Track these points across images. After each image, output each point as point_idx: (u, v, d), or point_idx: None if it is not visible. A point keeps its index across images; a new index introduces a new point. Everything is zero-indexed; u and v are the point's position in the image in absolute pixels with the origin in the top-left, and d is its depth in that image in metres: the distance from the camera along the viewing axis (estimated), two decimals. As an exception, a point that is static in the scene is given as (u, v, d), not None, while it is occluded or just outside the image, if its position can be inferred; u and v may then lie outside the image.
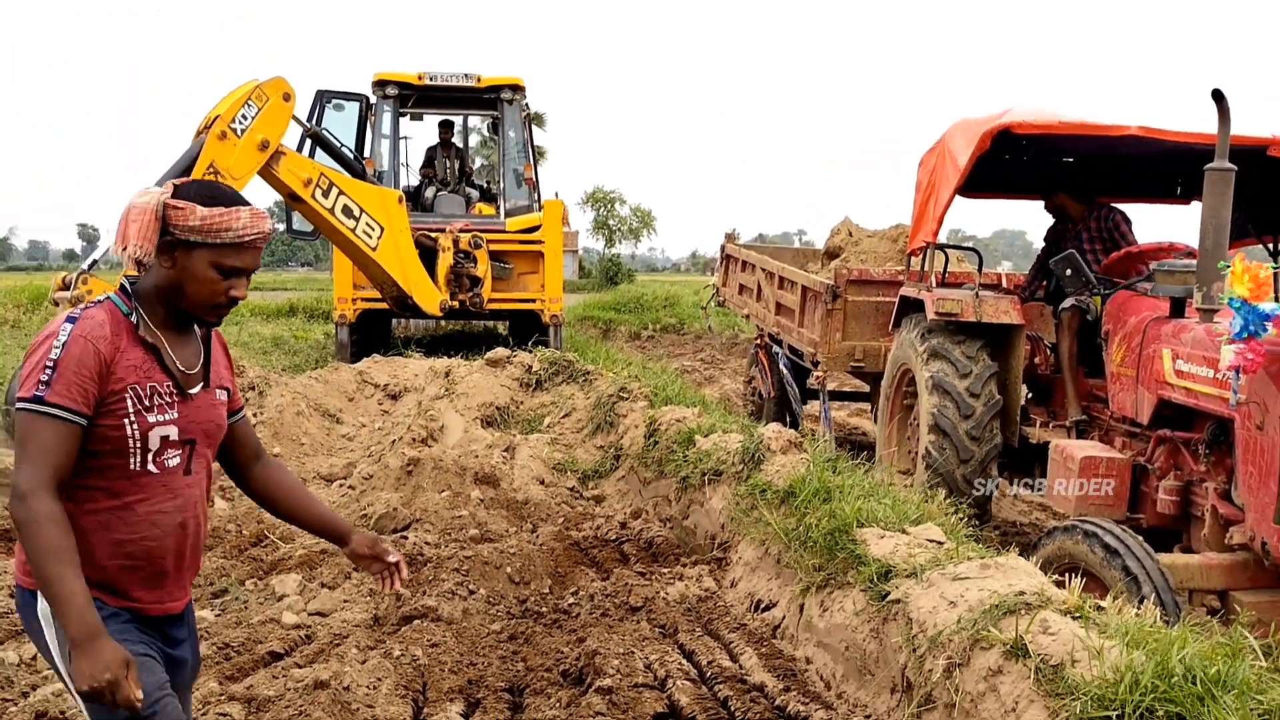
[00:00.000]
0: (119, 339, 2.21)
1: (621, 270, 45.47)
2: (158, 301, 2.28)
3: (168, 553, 2.32)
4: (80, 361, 2.13)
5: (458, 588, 4.92)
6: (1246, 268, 4.20)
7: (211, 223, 2.19)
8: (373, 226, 10.09)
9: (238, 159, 8.51)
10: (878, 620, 3.86)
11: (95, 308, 2.23)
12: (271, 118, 8.75)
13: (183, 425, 2.30)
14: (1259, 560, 4.49)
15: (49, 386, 2.10)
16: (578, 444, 8.09)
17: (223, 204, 2.23)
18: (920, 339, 6.62)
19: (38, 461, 2.09)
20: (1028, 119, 5.84)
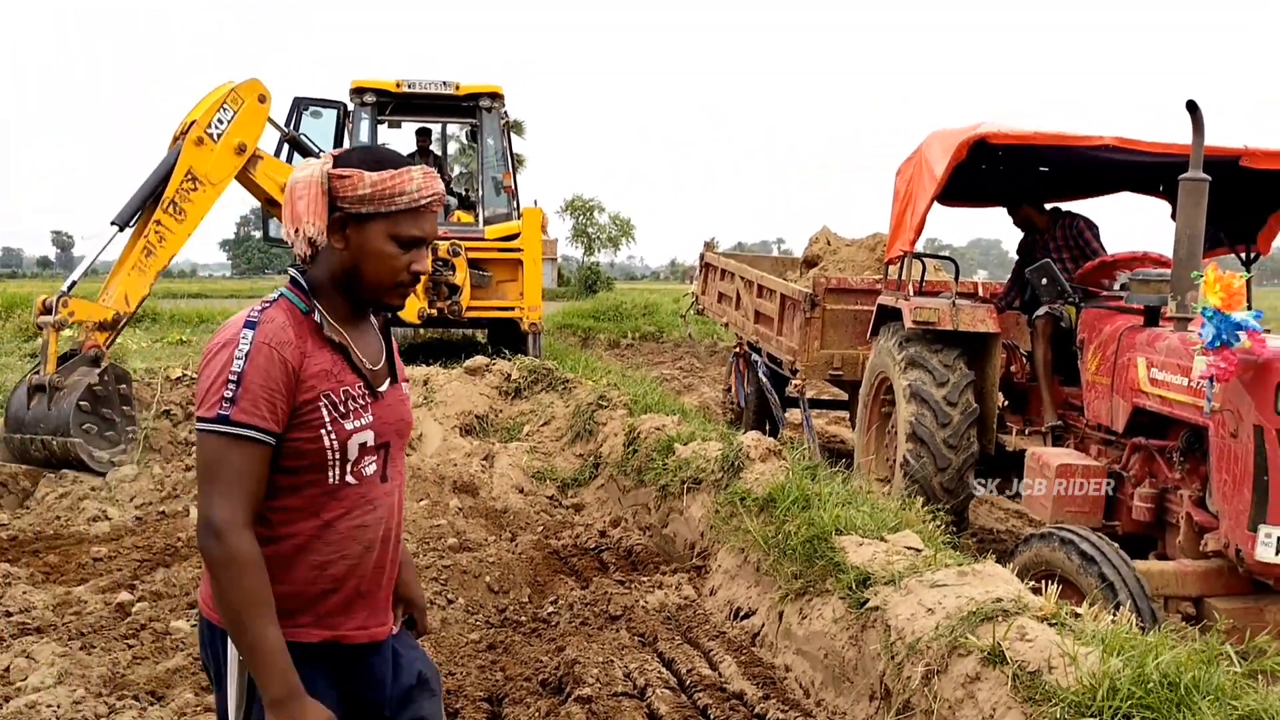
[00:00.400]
0: (304, 342, 1.98)
1: (600, 278, 45.54)
2: (335, 291, 2.05)
3: (369, 571, 2.10)
4: (267, 373, 1.90)
5: (436, 597, 4.89)
6: (1219, 277, 4.25)
7: (383, 188, 1.96)
8: None
9: (215, 164, 8.47)
10: (856, 628, 3.87)
11: (272, 307, 2.00)
12: (247, 120, 8.72)
13: (377, 428, 2.08)
14: (1233, 567, 4.54)
15: (234, 404, 1.87)
16: (557, 452, 8.08)
17: (390, 166, 1.99)
18: (898, 347, 6.65)
19: (230, 491, 1.86)
20: (1004, 130, 5.89)
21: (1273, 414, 4.25)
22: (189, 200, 8.27)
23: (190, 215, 8.30)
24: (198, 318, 20.38)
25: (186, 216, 8.25)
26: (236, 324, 1.97)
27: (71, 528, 6.10)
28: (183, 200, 8.22)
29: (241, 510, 1.87)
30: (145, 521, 6.22)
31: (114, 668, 4.04)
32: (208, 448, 1.89)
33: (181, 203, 8.21)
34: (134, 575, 5.26)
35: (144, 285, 8.03)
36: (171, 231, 8.16)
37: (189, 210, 8.27)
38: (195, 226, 8.39)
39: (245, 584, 1.85)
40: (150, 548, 5.67)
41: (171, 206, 8.16)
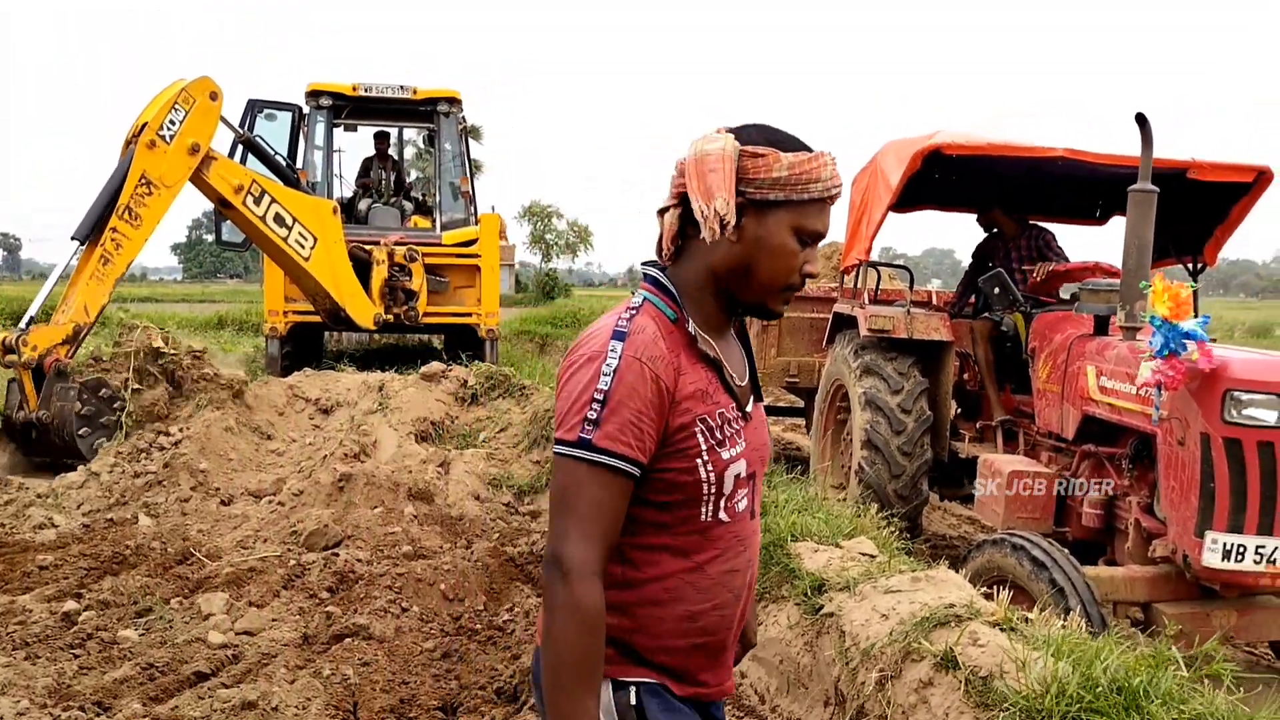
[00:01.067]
0: (677, 357, 1.72)
1: (558, 285, 45.44)
2: (706, 294, 1.79)
3: (734, 620, 1.85)
4: (637, 393, 1.65)
5: (390, 605, 4.85)
6: (1167, 287, 4.33)
7: (799, 172, 1.70)
8: (305, 236, 9.95)
9: (169, 166, 8.36)
10: (811, 633, 3.89)
11: (640, 315, 1.73)
12: (200, 120, 8.62)
13: (748, 455, 1.80)
14: (1181, 572, 4.62)
15: (598, 426, 1.63)
16: (514, 459, 8.03)
17: (798, 148, 1.73)
18: (853, 355, 6.70)
19: (586, 529, 1.62)
20: (957, 140, 5.97)
21: (1219, 422, 4.33)
22: (144, 205, 8.18)
23: (146, 220, 8.20)
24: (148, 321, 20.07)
25: (142, 222, 8.15)
26: (602, 334, 1.72)
27: (16, 535, 5.98)
28: (138, 205, 8.13)
29: (596, 553, 1.63)
30: (93, 529, 6.11)
31: (59, 678, 3.96)
32: (566, 474, 1.65)
33: (137, 208, 8.12)
34: (81, 584, 5.16)
35: (103, 294, 7.95)
36: (128, 238, 8.06)
37: (145, 215, 8.17)
38: (152, 231, 8.30)
39: (581, 641, 1.61)
40: (98, 556, 5.57)
41: (127, 213, 8.07)
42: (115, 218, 7.96)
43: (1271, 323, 32.80)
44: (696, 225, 1.73)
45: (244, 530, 6.23)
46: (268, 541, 5.98)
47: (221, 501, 6.88)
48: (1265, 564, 4.34)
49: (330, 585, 5.15)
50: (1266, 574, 4.37)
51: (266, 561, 5.50)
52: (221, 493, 6.99)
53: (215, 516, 6.54)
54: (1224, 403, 4.31)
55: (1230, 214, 6.20)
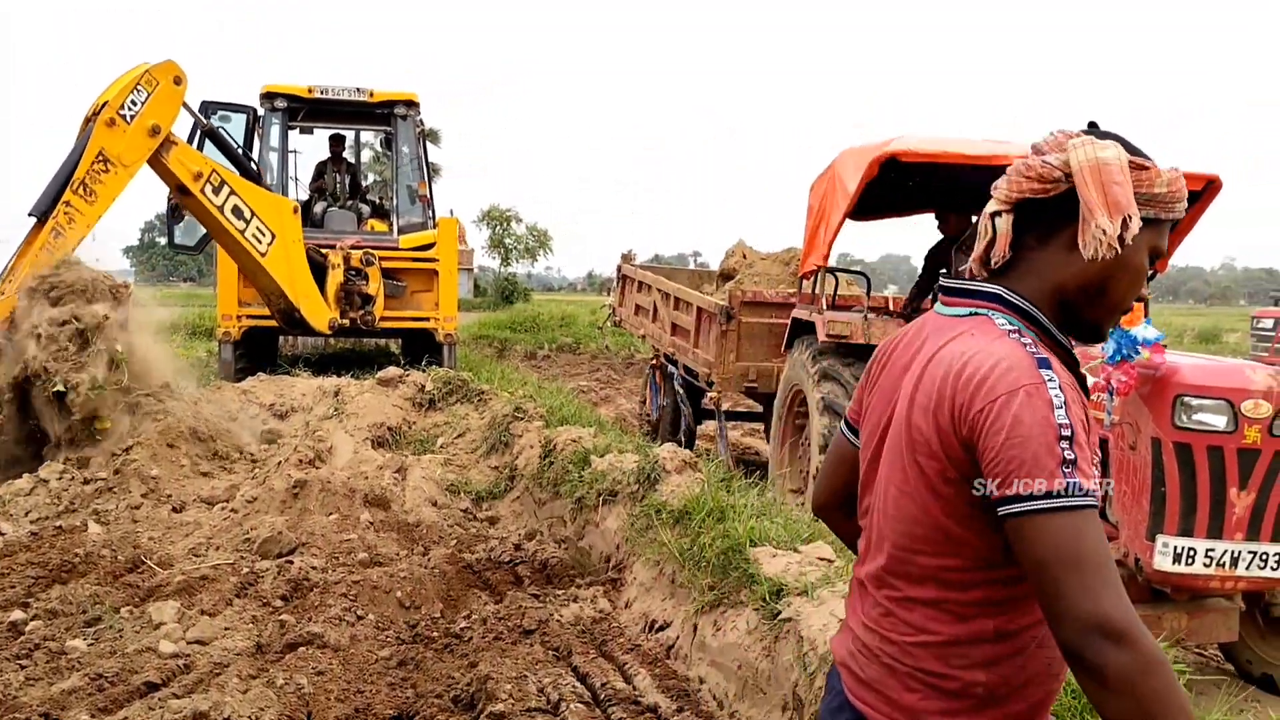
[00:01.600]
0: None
1: (517, 289, 45.36)
2: (1050, 314, 1.63)
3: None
4: (1085, 424, 1.46)
5: (345, 613, 4.79)
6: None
7: (1174, 190, 1.58)
8: (263, 232, 9.84)
9: (128, 145, 8.24)
10: (770, 639, 3.89)
11: (1023, 335, 1.57)
12: (162, 102, 8.52)
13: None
14: (1133, 576, 4.68)
15: (1075, 466, 1.42)
16: (472, 465, 7.99)
17: (1152, 161, 1.59)
18: (811, 360, 6.73)
19: (1107, 574, 1.39)
20: (913, 147, 6.01)
21: (1170, 427, 4.40)
22: (100, 182, 8.03)
23: (101, 197, 8.06)
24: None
25: (97, 198, 8.01)
26: (1019, 362, 1.50)
27: (-40, 544, 5.84)
28: (93, 182, 7.99)
29: (1127, 600, 1.40)
30: (41, 537, 5.98)
31: (5, 689, 3.87)
32: (1062, 531, 1.41)
33: (92, 184, 7.98)
34: (28, 592, 5.05)
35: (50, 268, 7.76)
36: (81, 213, 7.91)
37: (100, 192, 8.03)
38: (105, 209, 8.14)
39: (1180, 695, 1.38)
40: (46, 564, 5.45)
41: (81, 188, 7.92)
42: (70, 192, 7.81)
43: (1220, 328, 33.42)
44: (1037, 234, 1.63)
45: (196, 538, 6.14)
46: (220, 549, 5.89)
47: (173, 509, 6.77)
48: (1215, 567, 4.42)
49: (284, 593, 5.08)
50: (1216, 577, 4.45)
51: (219, 569, 5.42)
52: (173, 499, 6.88)
53: (167, 524, 6.44)
54: (1174, 408, 4.38)
55: (1180, 222, 6.30)
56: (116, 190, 8.19)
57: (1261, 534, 4.45)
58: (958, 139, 6.14)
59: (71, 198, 7.84)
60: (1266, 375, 4.44)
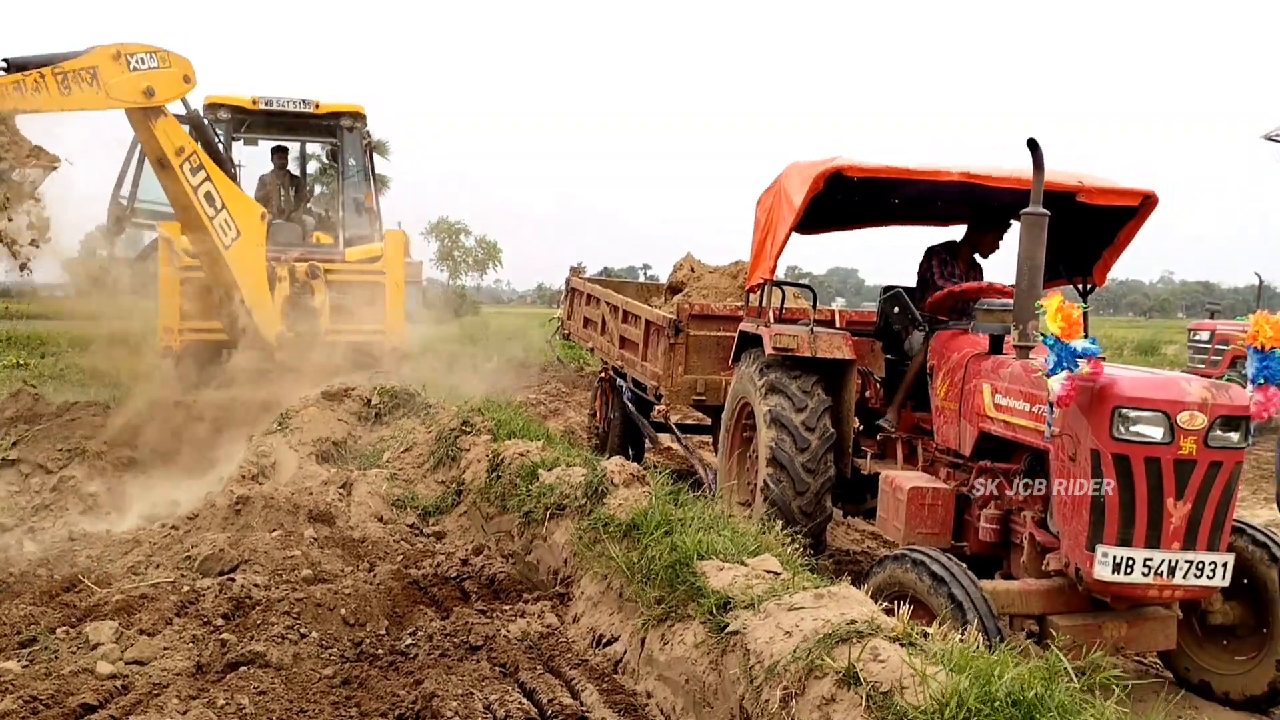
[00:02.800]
0: None
1: (466, 302, 45.15)
2: None
3: None
4: None
5: (288, 631, 4.72)
6: (1059, 307, 4.46)
7: None
8: (229, 225, 9.99)
9: (119, 81, 8.35)
10: (717, 652, 3.90)
11: None
12: (166, 78, 8.78)
13: None
14: (1073, 585, 4.75)
15: None
16: (418, 479, 7.93)
17: None
18: (759, 373, 6.76)
19: None
20: (858, 162, 6.07)
21: (1108, 438, 4.48)
22: (79, 86, 8.02)
23: (71, 97, 8.01)
24: (37, 340, 19.33)
25: (69, 95, 7.97)
26: None
27: (-113, 565, 5.68)
28: (74, 81, 7.96)
29: None
30: (-29, 557, 5.84)
31: (-68, 716, 3.76)
32: None
33: (72, 83, 7.93)
34: (-43, 615, 4.92)
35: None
36: (46, 92, 7.78)
37: (74, 93, 7.99)
38: (63, 109, 8.04)
39: None
40: (-24, 585, 5.32)
41: (62, 77, 7.86)
42: (51, 72, 7.77)
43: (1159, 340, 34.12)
44: None
45: (135, 556, 6.02)
46: (160, 567, 5.79)
47: (112, 526, 6.64)
48: (1153, 576, 4.50)
49: (225, 611, 4.99)
50: (1155, 585, 4.53)
51: (159, 588, 5.31)
52: (112, 517, 6.75)
53: (105, 542, 6.31)
54: (1113, 420, 4.46)
55: (1118, 237, 6.42)
56: (85, 104, 8.20)
57: (1198, 543, 4.53)
58: (902, 156, 6.22)
59: (49, 76, 7.77)
60: (1201, 387, 4.54)
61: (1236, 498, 4.67)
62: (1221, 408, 4.47)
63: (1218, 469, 4.50)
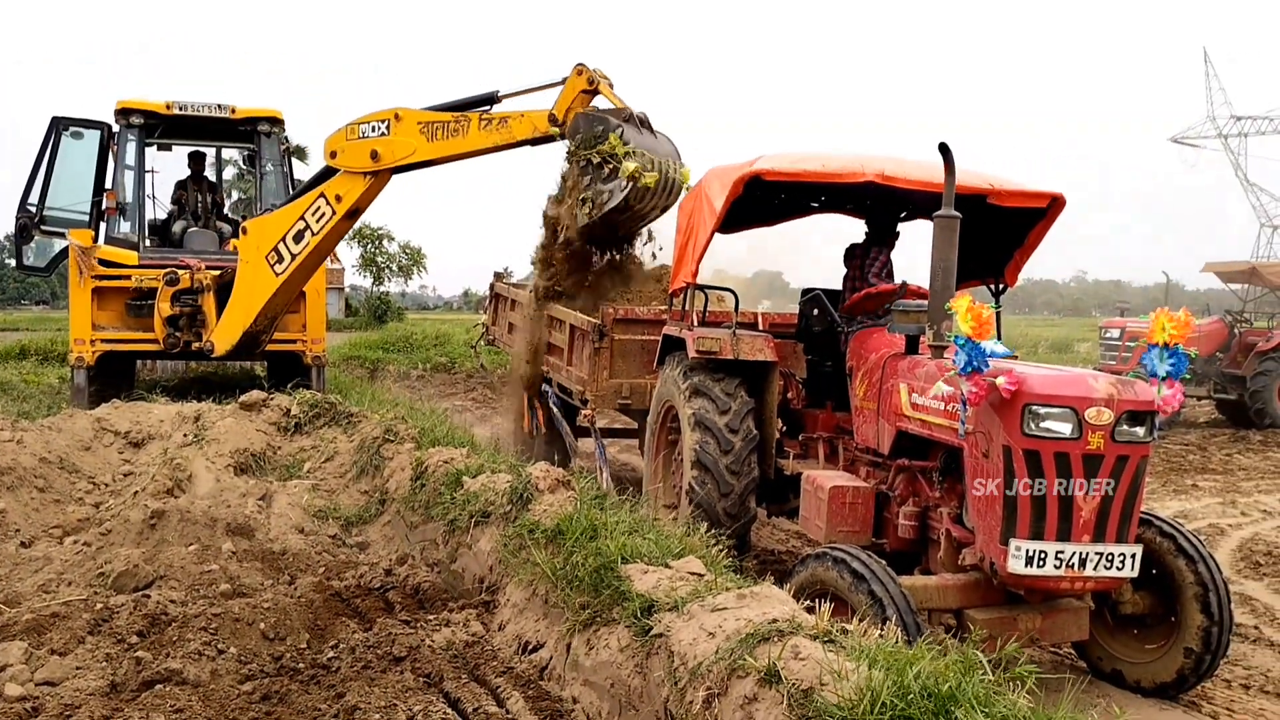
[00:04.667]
0: None
1: (390, 308, 44.66)
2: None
3: None
4: None
5: (205, 647, 4.61)
6: (970, 307, 4.56)
7: None
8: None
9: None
10: (641, 655, 3.91)
11: None
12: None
13: None
14: (989, 579, 4.86)
15: None
16: (340, 489, 7.82)
17: None
18: (683, 376, 6.80)
19: None
20: (775, 167, 6.14)
21: (1020, 435, 4.59)
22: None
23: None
24: (-60, 353, 18.68)
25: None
26: None
27: None
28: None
29: None
30: None
31: None
32: None
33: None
34: None
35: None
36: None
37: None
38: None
39: None
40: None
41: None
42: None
43: (1072, 339, 35.03)
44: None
45: (46, 573, 5.84)
46: (72, 585, 5.62)
47: (21, 543, 6.44)
48: (1065, 568, 4.62)
49: (140, 629, 4.87)
50: (1066, 578, 4.65)
51: (70, 606, 5.16)
52: (21, 534, 6.54)
53: (14, 559, 6.11)
54: (1023, 416, 4.57)
55: (1028, 237, 6.58)
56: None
57: (1107, 535, 4.67)
58: (819, 155, 6.29)
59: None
60: (1108, 384, 4.67)
61: (1144, 490, 4.82)
62: (1127, 403, 4.61)
63: (1125, 462, 4.64)
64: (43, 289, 76.84)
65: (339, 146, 9.71)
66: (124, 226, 12.00)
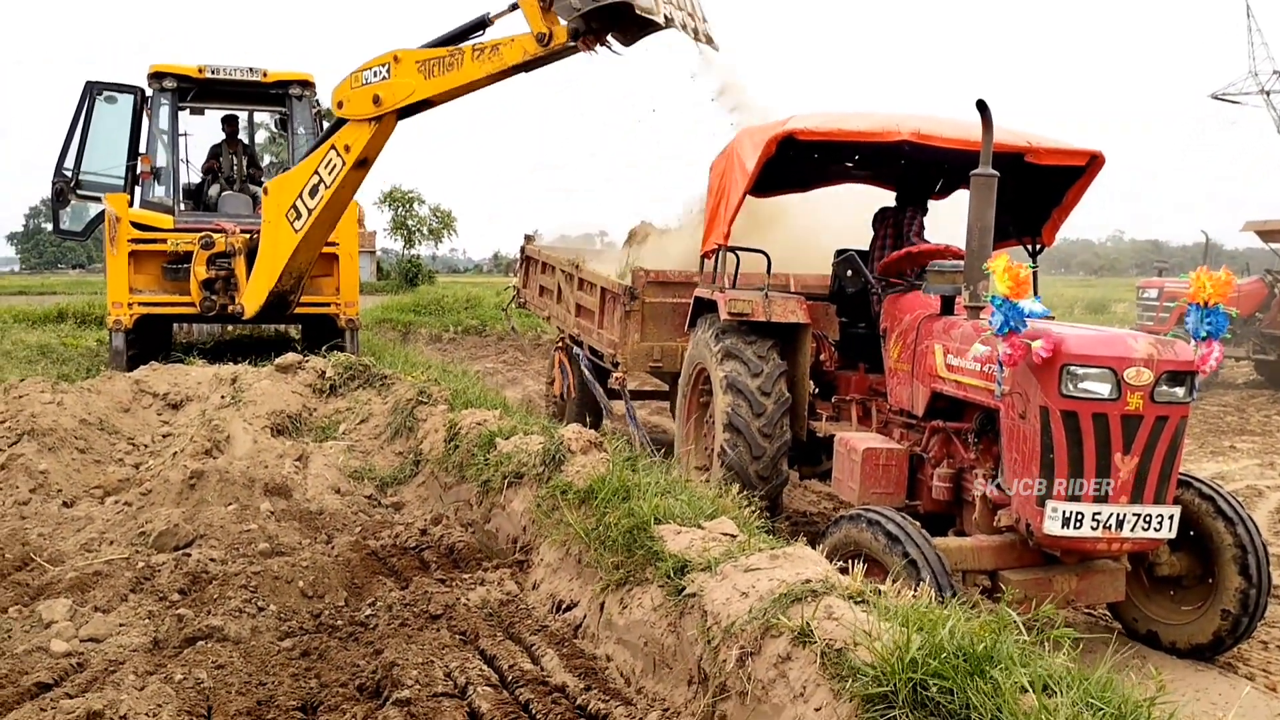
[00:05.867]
0: None
1: (421, 271, 44.80)
2: None
3: None
4: None
5: (246, 605, 4.70)
6: (1007, 267, 4.51)
7: None
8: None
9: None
10: (674, 614, 3.93)
11: None
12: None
13: None
14: (1024, 540, 4.84)
15: None
16: (375, 450, 7.89)
17: None
18: (714, 339, 6.78)
19: None
20: (808, 126, 6.08)
21: (1057, 395, 4.55)
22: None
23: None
24: (-18, 317, 18.96)
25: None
26: None
27: None
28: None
29: None
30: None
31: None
32: None
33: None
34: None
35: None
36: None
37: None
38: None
39: None
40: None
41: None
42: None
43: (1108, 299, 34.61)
44: None
45: (88, 533, 5.95)
46: (114, 544, 5.73)
47: (64, 503, 6.56)
48: (1102, 530, 4.59)
49: (182, 587, 4.96)
50: (1103, 539, 4.62)
51: (113, 564, 5.26)
52: (64, 494, 6.66)
53: (57, 519, 6.22)
54: (1061, 377, 4.53)
55: (1066, 196, 6.49)
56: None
57: (1144, 496, 4.63)
58: (853, 114, 6.22)
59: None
60: (1148, 344, 4.61)
61: (1182, 451, 4.77)
62: (1167, 363, 4.55)
63: (1164, 423, 4.59)
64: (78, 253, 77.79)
65: (345, 96, 9.60)
66: (158, 190, 12.07)
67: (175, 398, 8.66)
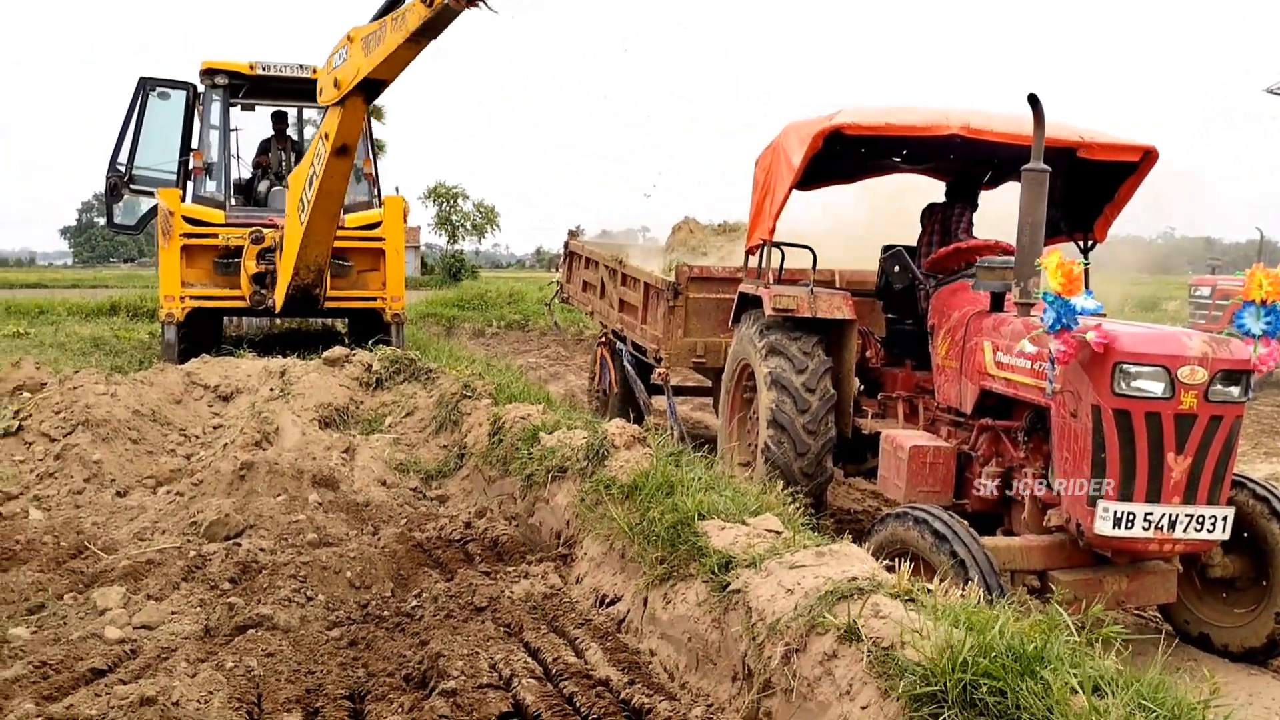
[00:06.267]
0: None
1: (465, 266, 45.06)
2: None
3: None
4: None
5: (295, 594, 4.76)
6: (1060, 263, 4.45)
7: None
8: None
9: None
10: (719, 610, 3.93)
11: None
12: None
13: None
14: (1074, 540, 4.78)
15: None
16: (420, 444, 7.95)
17: None
18: (759, 335, 6.76)
19: None
20: (856, 120, 6.03)
21: (1109, 394, 4.48)
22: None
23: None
24: (36, 309, 19.33)
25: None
26: None
27: (-105, 533, 5.71)
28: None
29: None
30: (-22, 525, 5.86)
31: (-56, 681, 3.80)
32: None
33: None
34: (-34, 582, 4.95)
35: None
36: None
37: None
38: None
39: None
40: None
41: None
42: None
43: (1160, 297, 34.06)
44: None
45: (141, 522, 6.06)
46: (166, 533, 5.82)
47: (117, 493, 6.67)
48: (1154, 530, 4.52)
49: (232, 576, 5.03)
50: (1155, 540, 4.55)
51: (165, 553, 5.35)
52: (117, 484, 6.78)
53: (110, 508, 6.34)
54: (1113, 375, 4.46)
55: (1119, 192, 6.39)
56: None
57: (1198, 497, 4.55)
58: (901, 109, 6.17)
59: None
60: (1202, 342, 4.53)
61: (1236, 452, 4.68)
62: (1222, 362, 4.47)
63: (1218, 423, 4.50)
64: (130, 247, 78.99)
65: (321, 83, 9.67)
66: (210, 185, 12.25)
67: (226, 390, 8.78)
